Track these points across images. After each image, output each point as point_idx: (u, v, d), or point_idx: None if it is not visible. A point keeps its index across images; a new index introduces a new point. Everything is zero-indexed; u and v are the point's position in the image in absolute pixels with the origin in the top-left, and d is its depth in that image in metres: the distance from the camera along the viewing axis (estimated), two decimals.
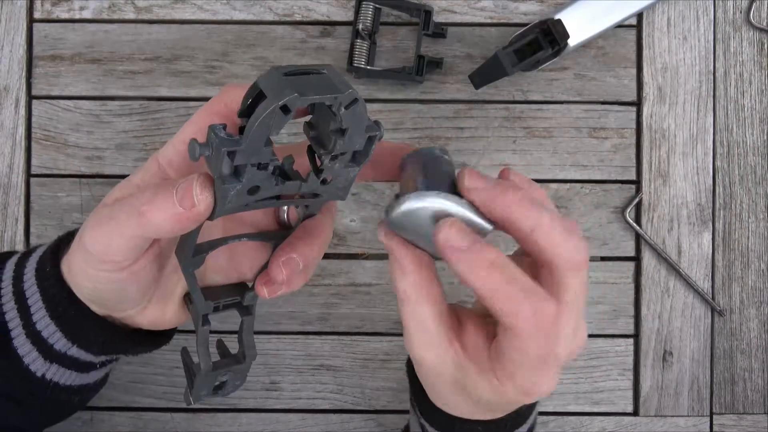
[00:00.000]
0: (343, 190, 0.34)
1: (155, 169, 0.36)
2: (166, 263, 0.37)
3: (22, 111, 0.57)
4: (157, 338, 0.42)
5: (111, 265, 0.34)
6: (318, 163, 0.33)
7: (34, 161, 0.58)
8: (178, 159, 0.35)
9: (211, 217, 0.32)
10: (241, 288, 0.39)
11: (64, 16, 0.58)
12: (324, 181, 0.33)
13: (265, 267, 0.38)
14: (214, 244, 0.37)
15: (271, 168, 0.31)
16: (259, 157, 0.30)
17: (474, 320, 0.35)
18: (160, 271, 0.37)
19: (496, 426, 0.37)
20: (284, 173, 0.33)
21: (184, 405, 0.58)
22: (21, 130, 0.57)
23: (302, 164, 0.33)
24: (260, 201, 0.33)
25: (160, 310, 0.38)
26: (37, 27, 0.58)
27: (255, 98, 0.30)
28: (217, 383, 0.40)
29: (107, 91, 0.58)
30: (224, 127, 0.29)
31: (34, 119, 0.58)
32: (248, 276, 0.40)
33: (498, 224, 0.32)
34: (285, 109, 0.28)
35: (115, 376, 0.57)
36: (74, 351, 0.39)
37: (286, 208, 0.38)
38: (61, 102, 0.58)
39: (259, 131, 0.29)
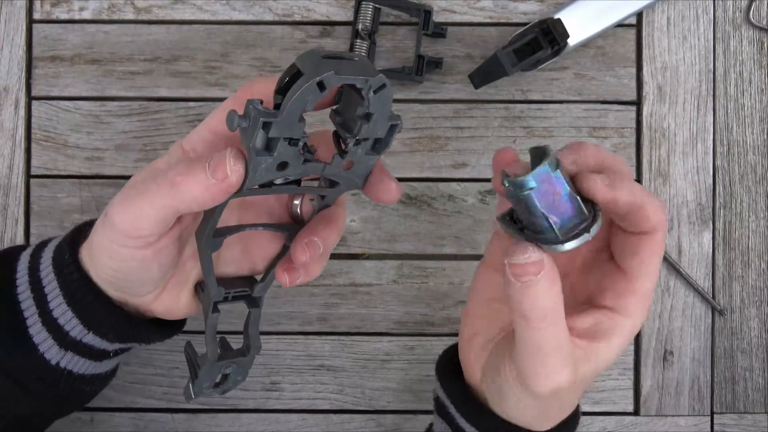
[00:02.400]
0: (361, 178, 0.36)
1: (179, 154, 0.37)
2: (185, 248, 0.38)
3: (22, 112, 0.57)
4: (168, 328, 0.42)
5: (136, 241, 0.35)
6: (342, 146, 0.35)
7: (33, 162, 0.58)
8: (202, 146, 0.37)
9: (239, 190, 0.33)
10: (250, 281, 0.41)
11: (64, 16, 0.58)
12: (345, 167, 0.35)
13: (278, 258, 0.40)
14: (231, 230, 0.38)
15: (301, 144, 0.33)
16: (292, 132, 0.32)
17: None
18: (179, 254, 0.38)
19: None
20: (310, 154, 0.35)
21: (184, 405, 0.58)
22: (21, 131, 0.57)
23: (323, 155, 0.35)
24: (283, 185, 0.35)
25: (175, 296, 0.39)
26: (37, 28, 0.58)
27: (292, 77, 0.32)
28: (218, 378, 0.41)
29: (107, 92, 0.58)
30: (261, 102, 0.32)
31: (33, 120, 0.58)
32: (259, 267, 0.41)
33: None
34: (321, 86, 0.31)
35: (114, 376, 0.57)
36: (89, 338, 0.40)
37: (298, 202, 0.40)
38: (61, 103, 0.58)
39: (296, 105, 0.31)
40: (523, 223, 0.32)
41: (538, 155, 0.31)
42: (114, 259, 0.36)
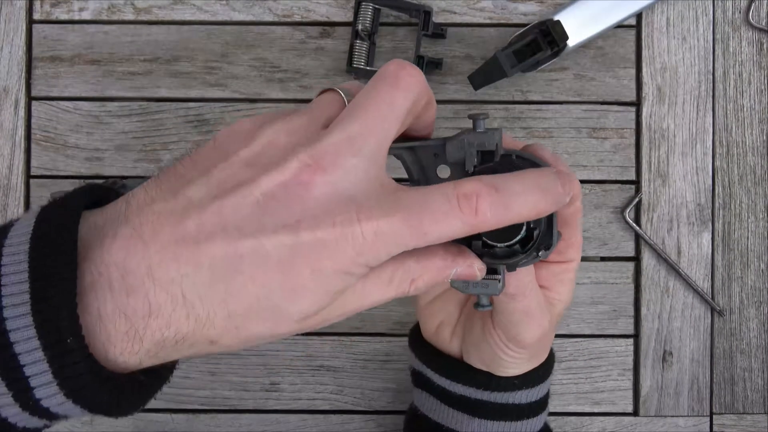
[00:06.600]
0: None
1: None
2: None
3: (22, 112, 0.57)
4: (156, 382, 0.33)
5: None
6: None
7: (33, 162, 0.58)
8: None
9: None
10: None
11: (64, 17, 0.58)
12: None
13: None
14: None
15: None
16: None
17: None
18: None
19: (529, 377, 0.42)
20: None
21: (183, 406, 0.58)
22: (20, 132, 0.57)
23: None
24: None
25: None
26: (37, 28, 0.58)
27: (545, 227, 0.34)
28: None
29: (107, 92, 0.58)
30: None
31: (33, 120, 0.58)
32: None
33: None
34: None
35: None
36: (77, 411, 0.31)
37: None
38: (61, 103, 0.58)
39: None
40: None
41: None
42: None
